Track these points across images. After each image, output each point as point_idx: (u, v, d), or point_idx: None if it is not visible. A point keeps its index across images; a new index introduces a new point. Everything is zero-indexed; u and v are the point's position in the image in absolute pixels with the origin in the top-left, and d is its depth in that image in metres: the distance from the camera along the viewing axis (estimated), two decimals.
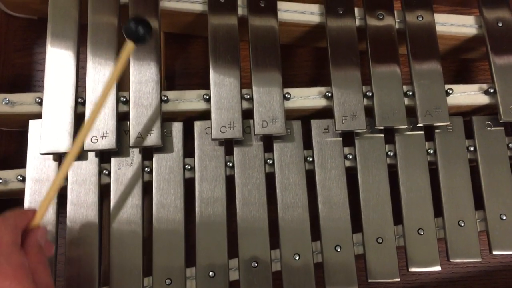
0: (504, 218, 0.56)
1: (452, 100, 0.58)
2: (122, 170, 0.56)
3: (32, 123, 0.57)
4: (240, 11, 0.60)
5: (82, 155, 0.56)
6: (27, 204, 0.55)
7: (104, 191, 0.57)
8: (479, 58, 0.70)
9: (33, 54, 0.69)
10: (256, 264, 0.54)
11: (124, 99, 0.56)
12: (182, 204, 0.55)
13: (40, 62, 0.69)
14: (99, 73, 0.56)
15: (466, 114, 0.60)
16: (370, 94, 0.57)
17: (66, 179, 0.55)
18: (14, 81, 0.68)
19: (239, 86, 0.57)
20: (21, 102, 0.57)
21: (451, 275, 0.65)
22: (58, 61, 0.57)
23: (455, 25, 0.61)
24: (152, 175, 0.56)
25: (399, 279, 0.54)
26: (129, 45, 0.48)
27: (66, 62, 0.57)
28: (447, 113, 0.56)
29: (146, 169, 0.56)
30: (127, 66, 0.57)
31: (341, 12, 0.60)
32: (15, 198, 0.62)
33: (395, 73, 0.58)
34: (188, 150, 0.57)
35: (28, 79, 0.68)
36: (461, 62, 0.71)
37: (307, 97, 0.58)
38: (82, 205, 0.55)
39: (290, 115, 0.59)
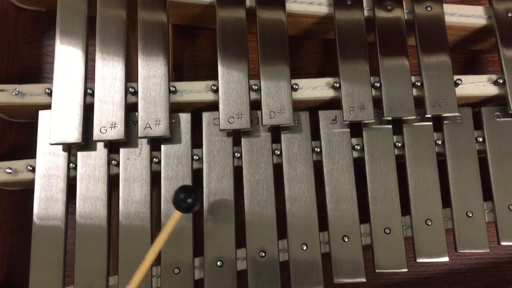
0: None
1: (461, 90, 0.58)
2: (130, 161, 0.56)
3: (42, 114, 0.57)
4: (248, 3, 0.60)
5: (91, 146, 0.56)
6: (37, 194, 0.55)
7: (113, 181, 0.58)
8: (488, 50, 0.69)
9: (42, 46, 0.70)
10: (263, 254, 0.54)
11: (133, 90, 0.56)
12: None
13: (49, 54, 0.69)
14: (108, 64, 0.57)
15: (475, 105, 0.59)
16: (378, 85, 0.57)
17: (75, 169, 0.56)
18: (23, 73, 0.68)
19: (247, 77, 0.57)
20: (30, 93, 0.57)
21: (459, 266, 0.65)
22: (67, 52, 0.57)
23: (464, 15, 0.61)
24: (160, 166, 0.56)
25: (406, 270, 0.54)
26: (176, 214, 0.50)
27: (75, 54, 0.57)
28: (455, 104, 0.56)
29: (154, 159, 0.57)
30: (136, 58, 0.57)
31: (349, 3, 0.59)
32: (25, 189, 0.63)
33: (404, 64, 0.57)
34: (196, 141, 0.58)
35: (37, 71, 0.69)
36: (470, 54, 0.71)
37: (315, 88, 0.58)
38: (91, 195, 0.55)
39: (298, 106, 0.59)
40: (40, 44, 0.70)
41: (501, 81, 0.57)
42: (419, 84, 0.57)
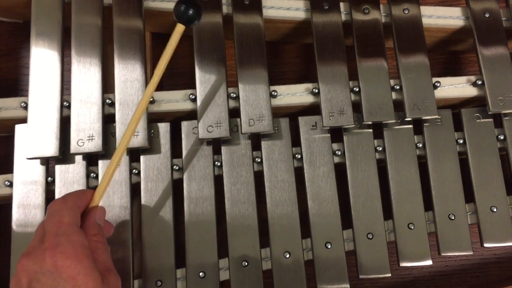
0: (495, 210, 0.55)
1: (440, 93, 0.57)
2: None
3: (18, 128, 0.56)
4: (225, 9, 0.59)
5: (69, 159, 0.55)
6: (15, 209, 0.54)
7: None
8: (468, 50, 0.69)
9: (19, 58, 0.69)
10: (246, 263, 0.54)
11: (110, 101, 0.56)
12: (171, 205, 0.55)
13: (27, 66, 0.68)
14: (84, 75, 0.56)
15: (455, 106, 0.59)
16: (357, 89, 0.56)
17: (54, 181, 0.55)
18: (0, 86, 0.67)
19: (225, 85, 0.56)
20: (6, 107, 0.56)
21: (444, 268, 0.65)
22: (42, 64, 0.56)
23: (442, 17, 0.61)
24: (140, 177, 0.56)
25: (390, 275, 0.54)
26: (179, 28, 0.48)
27: (50, 65, 0.56)
28: (435, 106, 0.56)
29: (134, 170, 0.56)
30: (112, 67, 0.57)
31: (327, 8, 0.59)
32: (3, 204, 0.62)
33: (382, 67, 0.57)
34: (176, 151, 0.57)
35: (15, 83, 0.68)
36: (451, 54, 0.70)
37: (294, 94, 0.57)
38: None
39: (278, 112, 0.59)
40: (17, 56, 0.69)
41: (479, 82, 0.57)
42: (398, 87, 0.56)
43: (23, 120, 0.56)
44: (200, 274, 0.53)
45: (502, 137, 0.57)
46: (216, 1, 0.59)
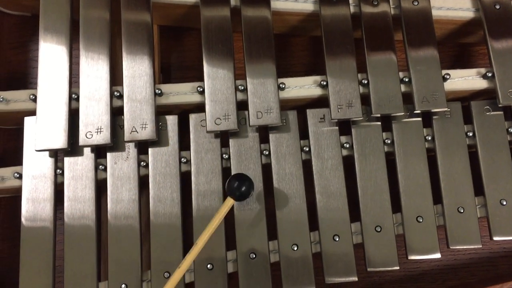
0: (505, 203, 0.55)
1: (449, 85, 0.57)
2: (118, 165, 0.56)
3: (28, 120, 0.57)
4: (233, 2, 0.59)
5: (77, 151, 0.56)
6: (24, 201, 0.55)
7: (101, 186, 0.57)
8: (479, 42, 0.69)
9: (29, 51, 0.69)
10: (254, 256, 0.54)
11: (118, 94, 0.56)
12: (179, 198, 0.55)
13: (36, 59, 0.68)
14: (92, 68, 0.56)
15: (465, 99, 0.59)
16: (366, 82, 0.56)
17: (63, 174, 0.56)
18: (10, 78, 0.68)
19: (233, 77, 0.56)
20: (15, 99, 0.57)
21: (453, 262, 0.64)
22: (51, 57, 0.56)
23: (452, 9, 0.60)
24: (148, 169, 0.56)
25: (398, 268, 0.54)
26: (229, 202, 0.51)
27: (59, 58, 0.56)
28: (444, 98, 0.55)
29: (142, 163, 0.56)
30: (120, 60, 0.57)
31: (335, 0, 0.59)
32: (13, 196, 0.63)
33: (391, 59, 0.57)
34: (184, 143, 0.57)
35: (24, 76, 0.68)
36: (461, 47, 0.70)
37: (302, 87, 0.57)
38: (79, 200, 0.55)
39: (286, 105, 0.58)
40: (27, 49, 0.69)
41: (489, 75, 0.56)
42: (407, 79, 0.56)
43: (32, 113, 0.56)
44: (208, 266, 0.53)
45: None
46: None
